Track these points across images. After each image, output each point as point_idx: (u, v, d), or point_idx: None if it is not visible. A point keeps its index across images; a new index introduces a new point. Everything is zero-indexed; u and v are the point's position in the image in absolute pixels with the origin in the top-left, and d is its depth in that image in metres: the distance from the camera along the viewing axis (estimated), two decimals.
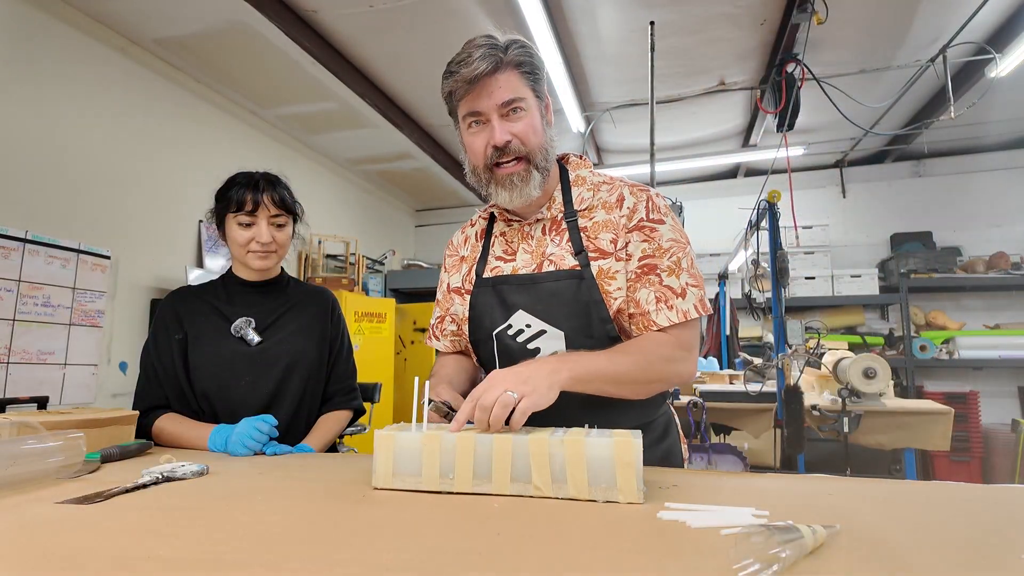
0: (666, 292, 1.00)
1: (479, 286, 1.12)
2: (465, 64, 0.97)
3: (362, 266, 4.84)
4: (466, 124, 1.04)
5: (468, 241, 1.22)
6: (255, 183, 1.35)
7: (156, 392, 1.33)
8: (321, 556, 0.53)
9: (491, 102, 0.99)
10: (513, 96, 0.99)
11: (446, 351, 1.25)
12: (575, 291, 1.02)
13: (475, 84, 0.98)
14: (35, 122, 2.53)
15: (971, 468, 4.09)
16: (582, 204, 1.08)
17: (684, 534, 0.58)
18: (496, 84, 0.98)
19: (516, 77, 1.00)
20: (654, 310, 1.00)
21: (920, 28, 3.06)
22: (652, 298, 1.00)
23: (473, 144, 1.04)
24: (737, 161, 5.05)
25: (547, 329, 1.03)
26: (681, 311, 0.99)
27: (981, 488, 0.78)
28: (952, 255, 4.47)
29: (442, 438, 0.78)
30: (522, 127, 1.01)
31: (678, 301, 1.00)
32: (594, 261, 1.03)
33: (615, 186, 1.10)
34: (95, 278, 2.73)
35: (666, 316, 0.99)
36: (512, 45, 1.00)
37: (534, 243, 1.09)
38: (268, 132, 4.03)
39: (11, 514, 0.67)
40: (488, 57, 0.96)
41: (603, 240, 1.04)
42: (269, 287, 1.45)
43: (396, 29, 2.99)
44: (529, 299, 1.04)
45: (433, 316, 1.26)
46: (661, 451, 1.10)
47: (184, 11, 2.75)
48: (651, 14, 2.90)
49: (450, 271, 1.23)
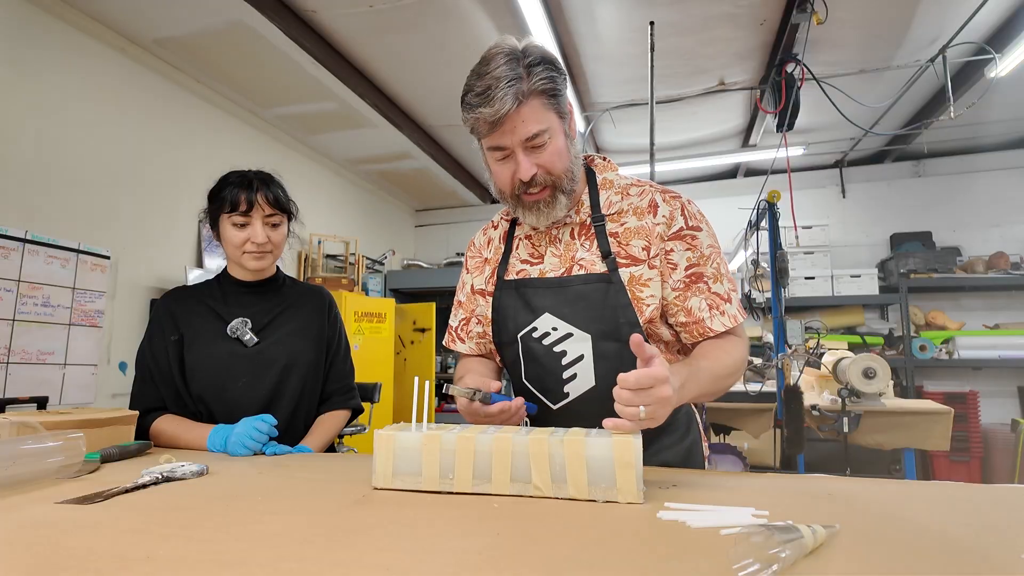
0: (715, 299, 1.02)
1: (501, 288, 1.11)
2: (487, 101, 0.93)
3: (362, 266, 4.84)
4: (490, 154, 1.02)
5: (491, 243, 1.20)
6: (248, 182, 1.33)
7: (152, 394, 1.32)
8: (321, 556, 0.53)
9: (515, 138, 0.96)
10: (537, 129, 0.96)
11: (469, 353, 1.23)
12: (603, 295, 1.01)
13: (497, 125, 0.95)
14: (35, 122, 2.53)
15: (971, 468, 4.09)
16: (611, 208, 1.07)
17: (684, 534, 0.58)
18: (520, 119, 0.94)
19: (540, 106, 0.96)
20: (708, 317, 1.02)
21: (920, 28, 3.06)
22: (704, 306, 1.02)
23: (500, 174, 1.02)
24: (737, 161, 5.05)
25: (573, 332, 1.03)
26: (731, 316, 1.03)
27: (981, 488, 0.78)
28: (952, 255, 4.47)
29: (442, 438, 0.78)
30: (547, 157, 0.98)
31: (727, 307, 1.03)
32: (624, 268, 1.02)
33: (645, 190, 1.08)
34: (95, 278, 2.73)
35: (720, 322, 1.02)
36: (534, 66, 0.95)
37: (562, 247, 1.08)
38: (268, 132, 4.03)
39: (11, 514, 0.67)
40: (511, 94, 0.92)
41: (635, 247, 1.03)
42: (265, 287, 1.43)
43: (396, 29, 2.99)
44: (555, 302, 1.04)
45: (454, 318, 1.24)
46: (683, 450, 1.09)
47: (184, 11, 2.75)
48: (651, 14, 2.90)
49: (472, 272, 1.21)
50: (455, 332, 1.24)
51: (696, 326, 1.03)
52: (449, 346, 1.25)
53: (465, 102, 0.98)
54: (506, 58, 0.95)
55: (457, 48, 3.14)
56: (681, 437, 1.10)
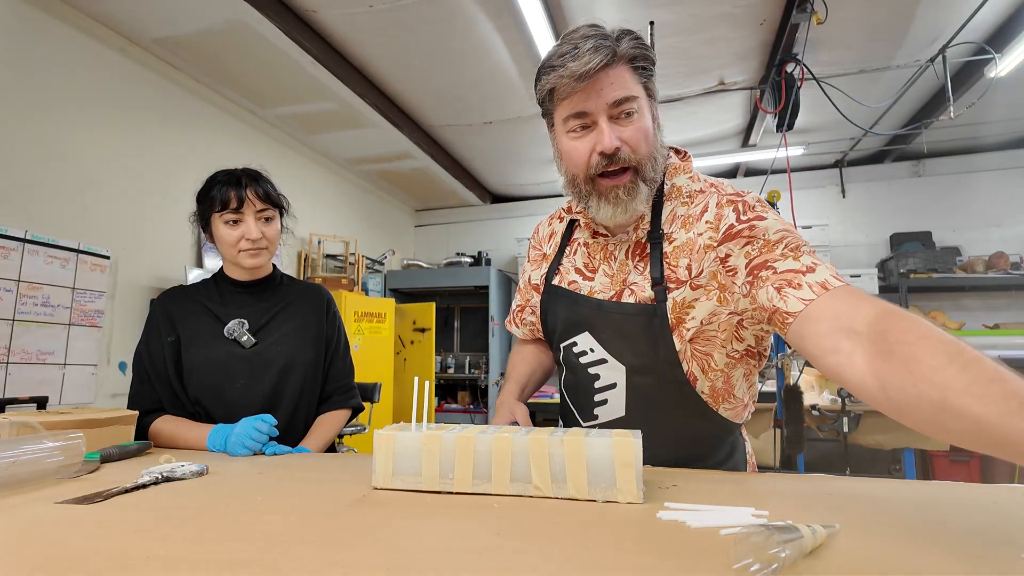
0: (787, 276, 0.80)
1: (549, 293, 1.07)
2: (573, 57, 0.85)
3: (361, 266, 4.84)
4: (567, 127, 0.91)
5: (553, 238, 1.14)
6: (237, 179, 1.32)
7: (150, 395, 1.31)
8: (321, 556, 0.53)
9: (601, 101, 0.87)
10: (626, 94, 0.87)
11: (525, 338, 1.26)
12: (644, 327, 0.93)
13: (584, 80, 0.85)
14: (35, 122, 2.53)
15: (971, 468, 4.09)
16: (673, 224, 0.96)
17: (684, 534, 0.58)
18: (608, 80, 0.86)
19: (629, 73, 0.88)
20: (779, 299, 0.79)
21: (920, 28, 3.06)
22: (772, 291, 0.80)
23: (576, 150, 0.91)
24: (737, 161, 5.05)
25: (608, 360, 0.98)
26: (817, 283, 0.77)
27: (981, 488, 0.78)
28: (951, 255, 4.47)
29: (442, 438, 0.78)
30: (632, 132, 0.89)
31: (806, 277, 0.78)
32: (671, 292, 0.92)
33: (705, 196, 0.96)
34: (95, 278, 2.73)
35: (796, 297, 0.77)
36: (624, 36, 0.89)
37: (616, 265, 1.00)
38: (268, 132, 4.03)
39: (11, 514, 0.67)
40: (601, 49, 0.85)
41: (680, 268, 0.92)
42: (262, 286, 1.42)
43: (396, 29, 2.99)
44: (596, 324, 0.99)
45: (514, 302, 1.26)
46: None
47: (183, 11, 2.75)
48: (651, 14, 2.90)
49: (532, 264, 1.17)
50: (513, 316, 1.26)
51: (777, 317, 0.80)
52: (508, 327, 1.28)
53: (546, 66, 0.90)
54: (590, 27, 0.90)
55: (457, 48, 3.14)
56: (718, 463, 1.05)
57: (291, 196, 1.50)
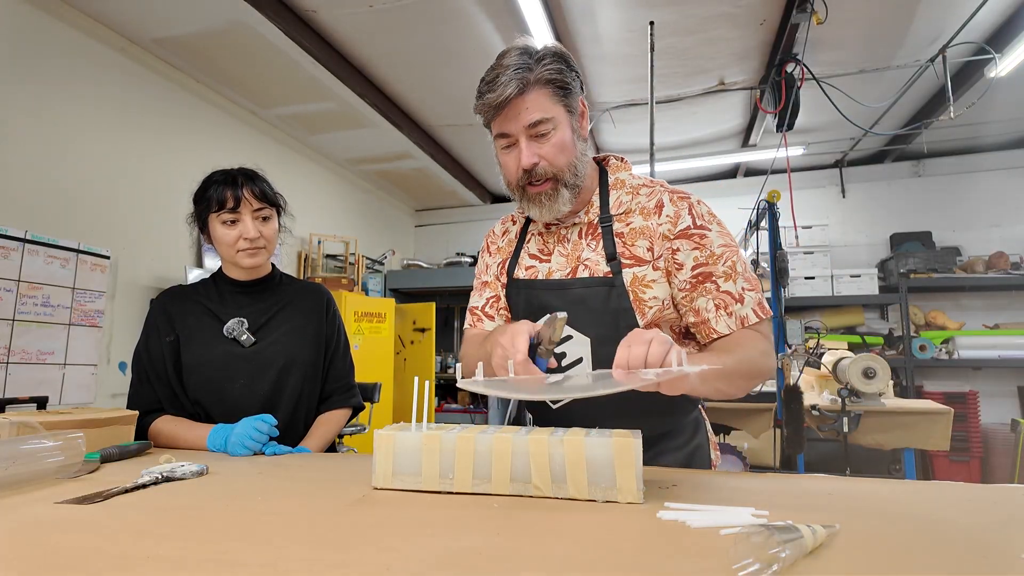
0: (724, 298, 0.99)
1: (511, 287, 1.14)
2: (491, 88, 0.97)
3: (361, 266, 4.84)
4: (498, 143, 1.04)
5: (507, 235, 1.23)
6: (233, 179, 1.31)
7: (150, 395, 1.30)
8: (321, 556, 0.53)
9: (519, 124, 0.98)
10: (540, 117, 0.98)
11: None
12: (604, 298, 1.02)
13: (501, 109, 0.98)
14: (35, 122, 2.53)
15: (970, 468, 4.09)
16: (619, 208, 1.07)
17: (684, 534, 0.58)
18: (523, 105, 0.97)
19: (545, 96, 0.99)
20: (713, 317, 0.99)
21: (920, 28, 3.06)
22: (711, 306, 0.99)
23: (506, 164, 1.05)
24: (737, 161, 5.05)
25: (573, 335, 1.03)
26: (739, 317, 0.99)
27: (981, 488, 0.78)
28: (951, 255, 4.47)
29: (442, 438, 0.78)
30: (549, 148, 1.00)
31: (737, 307, 0.99)
32: (628, 268, 1.02)
33: (655, 191, 1.08)
34: (94, 278, 2.73)
35: (725, 323, 0.99)
36: (544, 59, 0.98)
37: (569, 247, 1.09)
38: (268, 132, 4.03)
39: (11, 514, 0.67)
40: (514, 80, 0.95)
41: (639, 247, 1.03)
42: (261, 286, 1.41)
43: (396, 29, 2.99)
44: (559, 303, 1.05)
45: (479, 299, 1.22)
46: (684, 455, 1.09)
47: (183, 11, 2.75)
48: (651, 14, 2.90)
49: (493, 256, 1.23)
50: (482, 312, 1.22)
51: (703, 327, 1.01)
52: (477, 327, 1.21)
53: (477, 92, 1.01)
54: (518, 52, 0.99)
55: (457, 48, 3.14)
56: (685, 441, 1.10)
57: (291, 196, 1.50)
